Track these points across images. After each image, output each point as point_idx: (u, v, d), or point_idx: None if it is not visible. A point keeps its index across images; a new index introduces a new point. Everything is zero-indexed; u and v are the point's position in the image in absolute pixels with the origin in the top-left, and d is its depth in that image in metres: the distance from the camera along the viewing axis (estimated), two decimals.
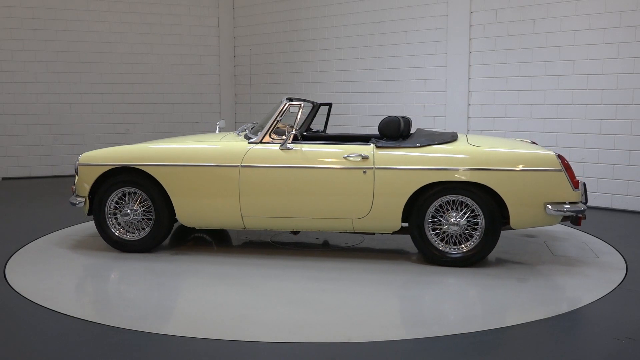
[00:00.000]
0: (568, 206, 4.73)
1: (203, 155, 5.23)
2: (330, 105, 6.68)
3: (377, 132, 6.41)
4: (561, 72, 7.57)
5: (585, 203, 4.90)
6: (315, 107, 6.49)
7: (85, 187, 5.38)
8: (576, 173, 6.08)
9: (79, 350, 3.42)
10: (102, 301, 4.24)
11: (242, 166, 5.13)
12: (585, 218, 4.89)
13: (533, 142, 5.78)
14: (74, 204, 5.43)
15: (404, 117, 5.73)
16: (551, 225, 4.94)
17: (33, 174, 10.19)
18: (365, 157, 4.95)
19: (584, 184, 4.95)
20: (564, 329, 3.73)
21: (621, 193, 7.29)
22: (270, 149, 5.15)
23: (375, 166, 4.94)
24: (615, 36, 7.13)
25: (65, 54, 10.25)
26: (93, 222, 5.83)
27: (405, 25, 8.95)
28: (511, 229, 4.93)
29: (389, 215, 4.97)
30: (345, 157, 4.99)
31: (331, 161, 5.04)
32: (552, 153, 4.82)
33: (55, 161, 10.33)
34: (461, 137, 5.35)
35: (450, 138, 5.16)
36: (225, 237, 6.11)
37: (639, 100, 7.07)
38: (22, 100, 10.05)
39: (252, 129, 5.77)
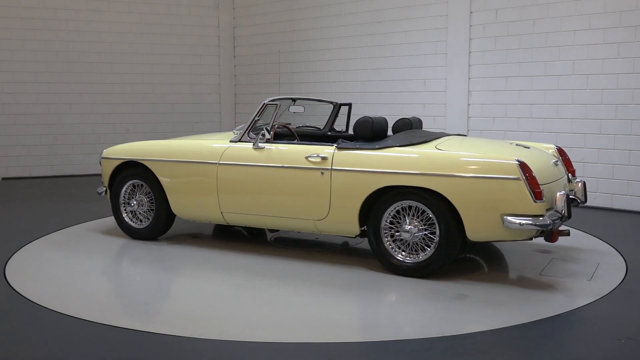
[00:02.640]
0: (527, 220, 4.20)
1: (190, 152, 5.56)
2: (350, 105, 6.56)
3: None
4: (561, 72, 7.57)
5: (567, 217, 4.41)
6: (336, 107, 6.46)
7: (106, 178, 5.99)
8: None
9: (79, 350, 3.43)
10: (101, 301, 4.24)
11: (219, 163, 5.35)
12: (567, 234, 4.47)
13: (559, 148, 5.42)
14: (99, 193, 6.10)
15: (403, 118, 5.66)
16: (517, 240, 4.43)
17: (33, 174, 10.18)
18: (324, 158, 4.89)
19: (567, 196, 4.44)
20: (563, 329, 3.73)
21: (621, 193, 7.29)
22: (245, 147, 5.31)
23: (333, 167, 4.84)
24: (615, 36, 7.13)
25: (65, 54, 10.25)
26: (91, 222, 6.63)
27: (405, 25, 8.95)
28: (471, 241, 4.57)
29: (345, 218, 4.83)
30: (306, 158, 4.97)
31: (293, 161, 5.04)
32: (512, 160, 4.30)
33: (55, 161, 10.33)
34: (439, 140, 4.96)
35: (423, 139, 4.89)
36: (261, 232, 6.17)
37: (639, 100, 7.06)
38: (22, 100, 10.05)
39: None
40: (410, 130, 5.44)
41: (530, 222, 4.20)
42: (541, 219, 4.22)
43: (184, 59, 11.09)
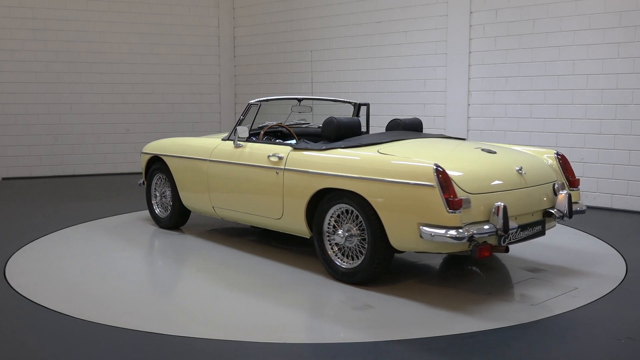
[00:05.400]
0: (440, 231, 3.86)
1: (190, 149, 5.91)
2: (368, 105, 6.44)
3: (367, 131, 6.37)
4: (561, 72, 7.57)
5: (502, 232, 3.95)
6: (356, 107, 6.40)
7: (143, 171, 6.58)
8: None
9: (79, 350, 3.42)
10: (102, 301, 4.23)
11: (209, 160, 5.62)
12: (504, 251, 4.10)
13: (561, 156, 4.95)
14: (139, 184, 6.65)
15: (395, 119, 5.52)
16: (442, 252, 4.18)
17: (33, 174, 10.18)
18: (280, 158, 4.91)
19: (504, 208, 3.95)
20: (563, 329, 3.73)
21: (621, 193, 7.29)
22: (229, 145, 5.50)
23: (285, 167, 4.84)
24: (615, 36, 7.13)
25: (65, 54, 10.25)
26: (91, 222, 6.72)
27: (405, 25, 8.95)
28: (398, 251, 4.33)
29: (296, 219, 4.81)
30: (268, 157, 5.02)
31: (257, 160, 5.13)
32: (429, 165, 3.98)
33: (55, 161, 10.33)
34: (394, 143, 4.71)
35: (380, 141, 4.70)
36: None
37: (639, 100, 7.06)
38: (22, 100, 10.05)
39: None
40: (388, 132, 5.30)
41: (444, 233, 3.85)
42: (460, 230, 3.84)
43: (184, 59, 11.09)
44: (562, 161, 4.94)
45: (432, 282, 4.65)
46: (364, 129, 6.43)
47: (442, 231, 3.85)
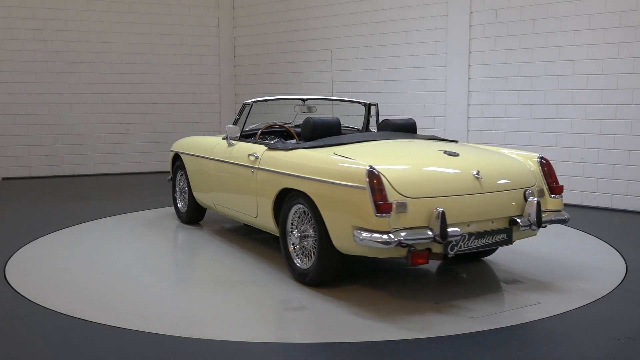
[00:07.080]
0: (367, 235, 3.74)
1: (197, 147, 6.14)
2: (376, 105, 6.37)
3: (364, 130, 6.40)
4: (561, 72, 7.57)
5: (440, 238, 3.75)
6: (367, 107, 6.38)
7: (169, 168, 6.85)
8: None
9: (79, 350, 3.43)
10: (101, 301, 4.23)
11: (209, 158, 5.80)
12: (441, 259, 3.94)
13: (545, 162, 4.59)
14: (168, 180, 6.90)
15: (385, 119, 5.46)
16: (379, 257, 3.98)
17: (33, 174, 10.18)
18: (256, 157, 4.97)
19: (442, 213, 3.75)
20: (563, 329, 3.73)
21: (621, 193, 7.28)
22: (224, 144, 5.63)
23: (259, 167, 4.91)
24: (615, 36, 7.13)
25: (65, 54, 10.24)
26: (91, 222, 6.73)
27: (405, 25, 8.95)
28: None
29: (267, 218, 4.85)
30: (248, 156, 5.10)
31: (240, 159, 5.24)
32: (363, 167, 3.88)
33: (55, 161, 10.32)
34: (357, 144, 4.63)
35: (340, 141, 4.65)
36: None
37: (639, 100, 7.06)
38: (22, 100, 10.04)
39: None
40: (367, 133, 5.26)
41: (371, 238, 3.73)
42: (390, 235, 3.69)
43: (184, 59, 11.08)
44: (546, 167, 4.57)
45: (389, 288, 4.43)
46: (373, 129, 6.43)
47: (371, 235, 3.74)
